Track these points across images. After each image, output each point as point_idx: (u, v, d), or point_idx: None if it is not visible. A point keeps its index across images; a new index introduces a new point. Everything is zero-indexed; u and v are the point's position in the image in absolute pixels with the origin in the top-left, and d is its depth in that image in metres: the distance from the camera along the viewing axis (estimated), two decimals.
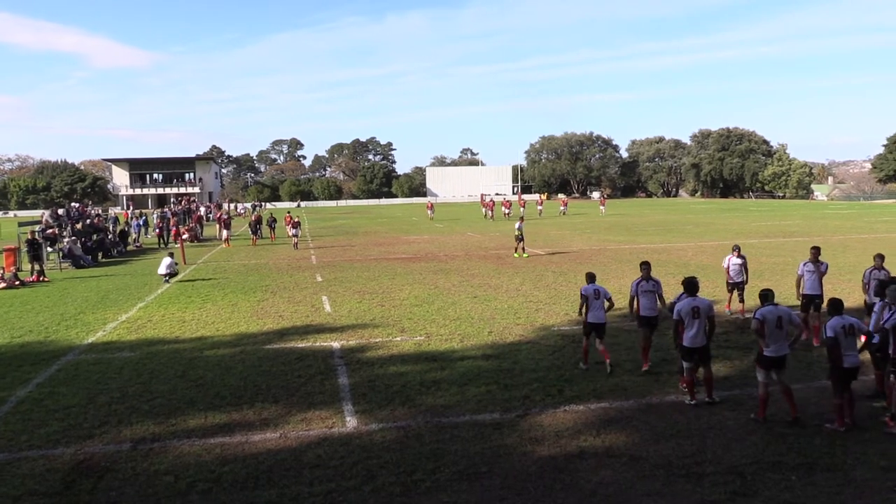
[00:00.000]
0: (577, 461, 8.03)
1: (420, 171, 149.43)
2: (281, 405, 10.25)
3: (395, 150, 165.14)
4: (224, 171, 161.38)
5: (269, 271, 26.09)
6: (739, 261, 15.56)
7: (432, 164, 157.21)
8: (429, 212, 64.01)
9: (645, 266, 12.10)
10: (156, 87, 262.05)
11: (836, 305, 9.12)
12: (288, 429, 9.25)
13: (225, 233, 39.47)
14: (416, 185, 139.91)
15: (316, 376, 11.68)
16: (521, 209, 57.53)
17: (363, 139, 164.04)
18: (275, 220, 42.20)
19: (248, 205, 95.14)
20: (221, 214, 44.07)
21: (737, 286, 15.63)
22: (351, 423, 9.44)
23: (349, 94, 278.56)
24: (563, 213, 65.74)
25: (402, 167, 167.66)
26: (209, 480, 7.70)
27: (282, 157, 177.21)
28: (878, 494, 7.03)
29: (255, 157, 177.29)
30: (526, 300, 18.40)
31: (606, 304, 11.92)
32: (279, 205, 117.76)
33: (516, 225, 30.27)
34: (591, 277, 12.32)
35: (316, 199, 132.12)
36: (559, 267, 25.20)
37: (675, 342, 10.23)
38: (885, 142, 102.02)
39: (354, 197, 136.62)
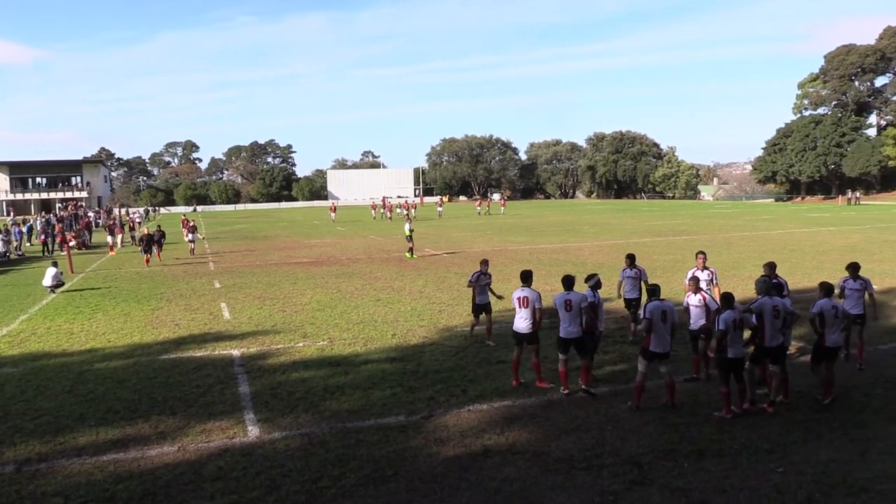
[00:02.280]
0: (482, 459, 8.14)
1: (321, 174, 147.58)
2: (179, 417, 9.89)
3: (294, 152, 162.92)
4: (114, 174, 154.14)
5: (163, 278, 25.13)
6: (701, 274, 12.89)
7: (333, 167, 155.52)
8: (332, 214, 64.81)
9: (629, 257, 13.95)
10: (38, 86, 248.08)
11: (729, 300, 9.62)
12: (186, 441, 8.94)
13: (110, 239, 37.82)
14: (317, 189, 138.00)
15: (215, 386, 11.34)
16: (406, 210, 59.39)
17: (262, 141, 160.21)
18: (163, 235, 33.73)
19: (141, 209, 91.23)
20: (114, 220, 42.22)
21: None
22: (253, 432, 9.22)
23: (246, 95, 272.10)
24: (502, 212, 70.47)
25: (303, 170, 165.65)
26: (102, 500, 7.34)
27: (176, 160, 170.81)
28: (762, 476, 7.46)
29: (147, 160, 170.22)
30: (429, 302, 18.49)
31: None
32: (174, 209, 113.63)
33: (406, 227, 30.87)
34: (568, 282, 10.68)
35: (213, 202, 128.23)
36: (461, 269, 25.45)
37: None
38: (764, 145, 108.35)
39: (253, 200, 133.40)
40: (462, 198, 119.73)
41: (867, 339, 12.10)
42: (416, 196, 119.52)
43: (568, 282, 10.54)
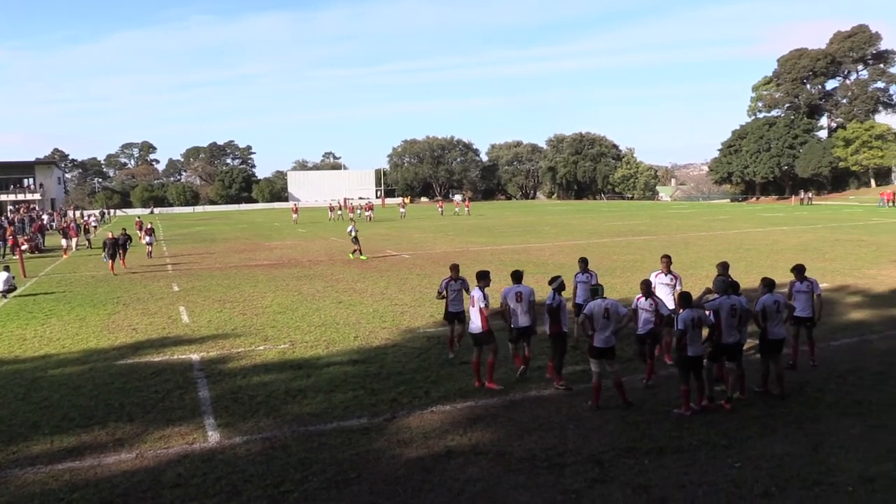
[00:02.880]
0: (445, 461, 8.15)
1: (281, 176, 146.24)
2: (137, 423, 9.72)
3: (254, 153, 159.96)
4: (68, 176, 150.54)
5: (120, 282, 24.65)
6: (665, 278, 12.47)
7: (294, 169, 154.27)
8: (294, 215, 65.09)
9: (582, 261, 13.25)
10: None
11: (687, 299, 9.81)
12: (145, 448, 8.78)
13: (64, 242, 36.99)
14: (277, 190, 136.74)
15: (174, 391, 11.16)
16: (352, 213, 60.34)
17: (221, 142, 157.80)
18: (129, 239, 31.37)
19: (97, 212, 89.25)
20: (69, 223, 41.29)
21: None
22: (213, 437, 9.10)
23: (204, 95, 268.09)
24: (468, 214, 70.80)
25: (263, 171, 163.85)
26: None
27: (133, 162, 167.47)
28: (720, 471, 7.61)
29: (102, 162, 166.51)
30: (391, 303, 18.46)
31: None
32: (130, 211, 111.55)
33: (349, 228, 30.76)
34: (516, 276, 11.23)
35: (171, 204, 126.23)
36: (423, 270, 25.46)
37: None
38: (720, 146, 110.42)
39: (212, 202, 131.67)
40: (423, 199, 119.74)
41: (818, 336, 12.42)
42: (377, 197, 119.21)
43: (517, 275, 11.19)
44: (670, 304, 11.21)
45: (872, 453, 7.98)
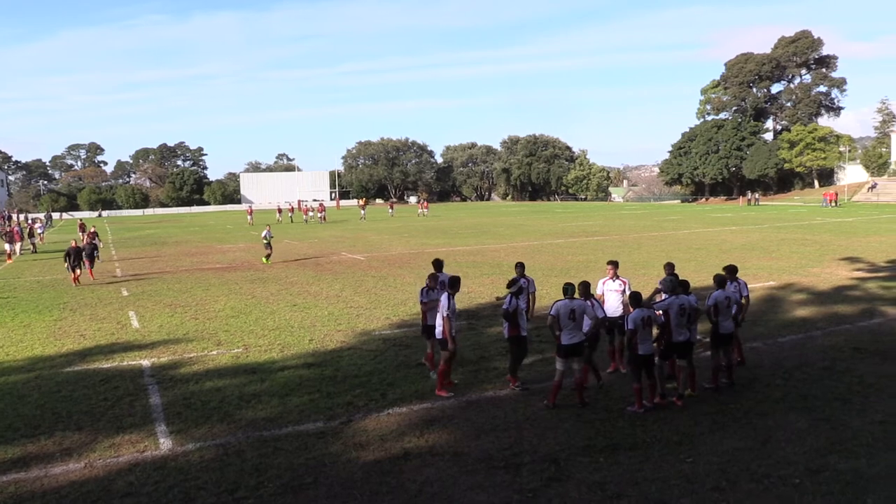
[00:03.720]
0: (402, 463, 8.13)
1: (234, 178, 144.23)
2: (85, 432, 9.47)
3: (206, 155, 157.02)
4: (11, 178, 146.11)
5: (67, 287, 23.98)
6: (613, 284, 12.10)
7: (247, 171, 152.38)
8: (248, 217, 64.80)
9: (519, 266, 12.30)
10: None
11: (637, 298, 9.98)
12: (94, 457, 8.56)
13: (8, 247, 35.90)
14: (229, 192, 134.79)
15: (124, 398, 10.91)
16: (306, 215, 61.02)
17: (171, 144, 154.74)
18: (96, 247, 28.02)
19: (42, 215, 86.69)
20: (13, 227, 40.09)
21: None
22: (165, 444, 8.92)
23: (155, 96, 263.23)
24: (425, 214, 71.44)
25: (215, 173, 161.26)
26: None
27: (80, 163, 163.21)
28: (673, 467, 7.75)
29: (48, 163, 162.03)
30: (347, 306, 18.35)
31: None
32: (77, 214, 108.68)
33: (263, 233, 30.40)
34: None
35: (120, 207, 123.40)
36: (379, 272, 25.38)
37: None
38: (670, 148, 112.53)
39: (163, 205, 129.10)
40: (378, 200, 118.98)
41: (765, 333, 12.72)
42: (332, 199, 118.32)
43: (454, 282, 11.11)
44: (619, 311, 11.30)
45: (818, 446, 8.21)
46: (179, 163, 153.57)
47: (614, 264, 11.97)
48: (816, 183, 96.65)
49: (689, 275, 13.49)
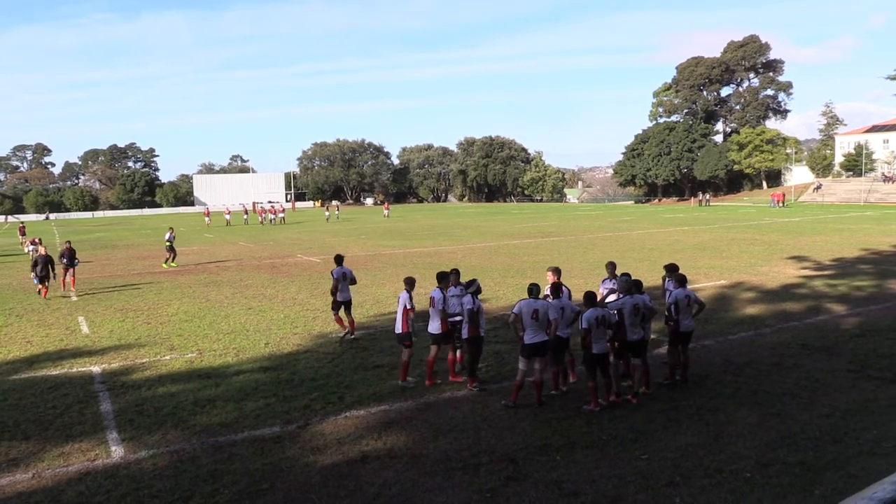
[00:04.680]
0: (361, 466, 8.09)
1: (187, 179, 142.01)
2: (33, 442, 9.19)
3: (158, 156, 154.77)
4: None
5: (12, 292, 23.27)
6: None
7: (200, 172, 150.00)
8: (206, 219, 65.18)
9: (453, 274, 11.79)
10: None
11: (591, 298, 10.10)
12: (42, 467, 8.32)
13: None
14: (182, 194, 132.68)
15: (74, 405, 10.63)
16: (262, 216, 60.79)
17: (122, 145, 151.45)
18: (74, 254, 23.27)
19: None
20: None
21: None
22: (117, 452, 8.72)
23: (104, 96, 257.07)
24: (387, 216, 71.77)
25: (167, 175, 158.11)
26: None
27: (26, 165, 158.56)
28: (628, 464, 7.86)
29: None
30: (303, 309, 18.19)
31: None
32: (24, 217, 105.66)
33: (166, 235, 30.07)
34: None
35: (68, 210, 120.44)
36: None
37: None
38: (624, 150, 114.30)
39: (113, 207, 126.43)
40: (335, 202, 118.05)
41: (717, 331, 13.00)
42: (287, 201, 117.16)
43: (410, 282, 11.83)
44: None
45: (768, 440, 8.42)
46: (130, 164, 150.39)
47: (553, 271, 11.51)
48: (765, 184, 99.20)
49: (642, 274, 13.71)
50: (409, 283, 11.81)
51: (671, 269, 11.71)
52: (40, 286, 21.17)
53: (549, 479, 7.54)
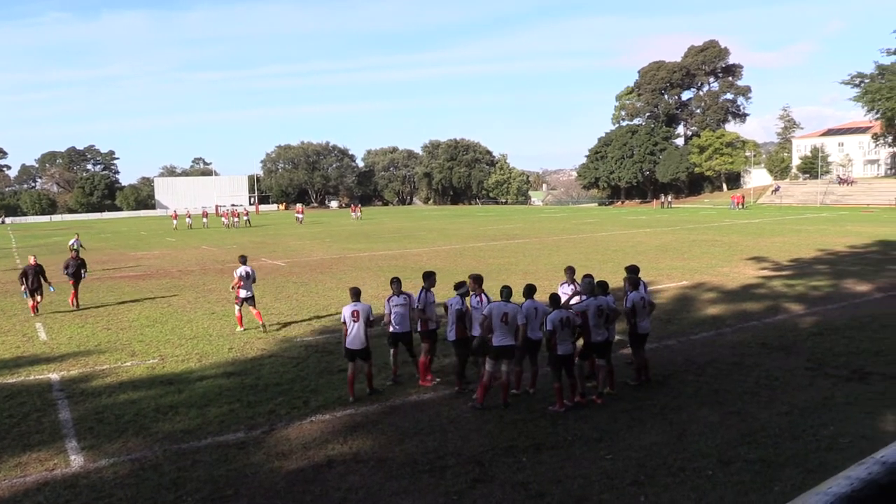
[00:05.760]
0: (326, 470, 8.04)
1: (148, 182, 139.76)
2: None
3: (118, 159, 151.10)
4: None
5: None
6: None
7: (161, 175, 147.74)
8: (174, 221, 65.00)
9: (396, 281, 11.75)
10: None
11: (556, 300, 10.21)
12: None
13: None
14: (143, 197, 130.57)
15: (31, 414, 10.39)
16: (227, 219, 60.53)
17: (80, 147, 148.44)
18: (83, 265, 21.51)
19: None
20: None
21: None
22: (76, 461, 8.54)
23: (62, 97, 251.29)
24: (358, 218, 72.20)
25: (128, 178, 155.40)
26: None
27: None
28: (593, 464, 7.93)
29: None
30: (267, 312, 18.00)
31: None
32: None
33: (70, 241, 29.65)
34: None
35: (25, 213, 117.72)
36: (300, 277, 25.04)
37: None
38: (587, 153, 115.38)
39: (72, 211, 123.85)
40: (298, 205, 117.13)
41: (678, 331, 13.19)
42: (251, 204, 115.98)
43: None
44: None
45: (729, 438, 8.56)
46: (90, 167, 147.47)
47: (476, 278, 11.18)
48: (725, 186, 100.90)
49: (606, 276, 13.86)
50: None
51: (632, 271, 11.87)
52: (30, 300, 19.04)
53: (516, 480, 7.58)
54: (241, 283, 15.64)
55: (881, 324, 14.57)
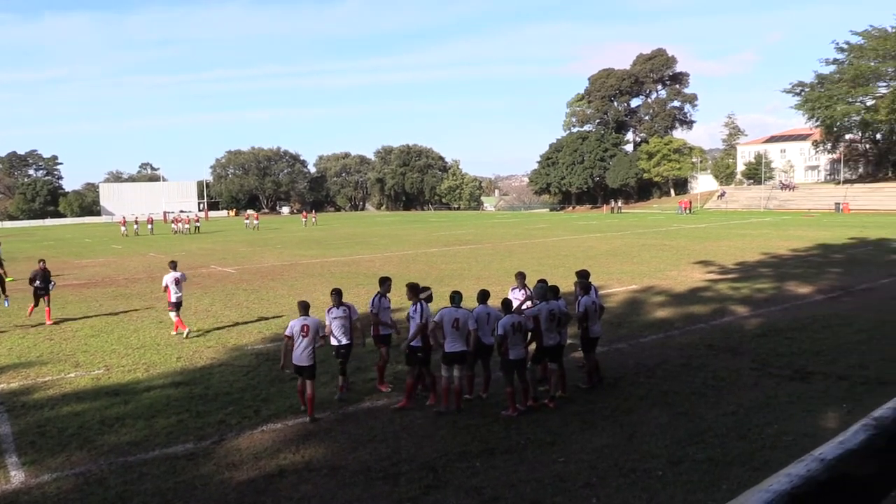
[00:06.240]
0: (278, 480, 7.93)
1: (93, 188, 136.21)
2: None
3: (61, 164, 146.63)
4: None
5: None
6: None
7: (107, 181, 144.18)
8: (122, 228, 63.80)
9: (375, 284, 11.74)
10: None
11: (507, 305, 10.27)
12: None
13: None
14: (88, 204, 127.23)
15: None
16: (176, 226, 57.68)
17: (21, 152, 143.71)
18: (48, 276, 18.77)
19: None
20: None
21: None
22: (17, 477, 8.25)
23: (1, 100, 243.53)
24: (314, 224, 71.91)
25: (71, 184, 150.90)
26: None
27: None
28: (546, 467, 7.99)
29: None
30: (217, 321, 17.73)
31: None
32: None
33: None
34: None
35: None
36: (250, 285, 24.69)
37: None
38: (539, 159, 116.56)
39: (12, 217, 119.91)
40: (250, 211, 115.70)
41: (628, 334, 13.39)
42: (200, 210, 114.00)
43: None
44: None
45: (678, 438, 8.72)
46: (31, 172, 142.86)
47: (412, 287, 11.23)
48: (672, 192, 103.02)
49: (557, 280, 13.98)
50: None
51: (582, 275, 12.01)
52: (33, 306, 18.21)
53: (470, 485, 7.59)
54: (173, 288, 15.97)
55: (822, 325, 15.03)
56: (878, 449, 1.08)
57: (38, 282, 18.27)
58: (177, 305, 16.11)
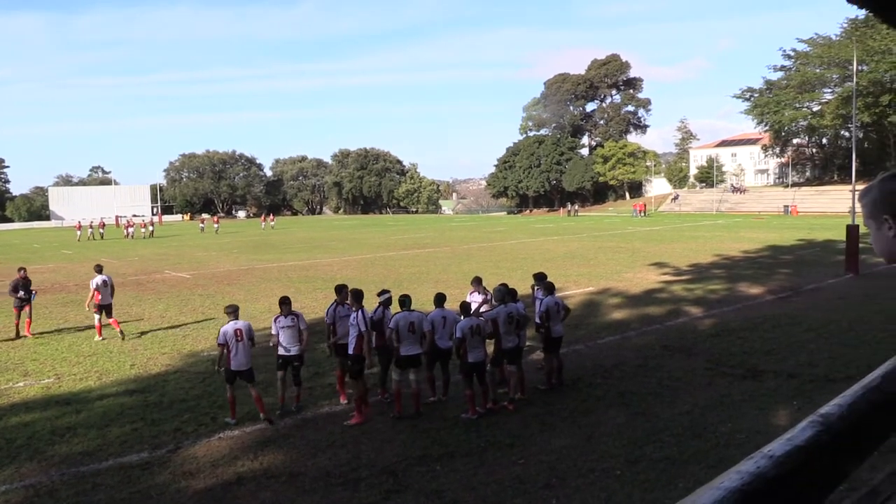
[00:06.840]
0: (236, 488, 7.83)
1: (41, 192, 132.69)
2: None
3: (7, 167, 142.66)
4: None
5: None
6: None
7: (56, 184, 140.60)
8: (78, 232, 62.29)
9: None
10: None
11: (465, 308, 10.32)
12: None
13: None
14: (36, 208, 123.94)
15: None
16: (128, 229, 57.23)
17: None
18: (28, 285, 17.82)
19: None
20: None
21: None
22: None
23: None
24: (271, 227, 71.44)
25: (19, 187, 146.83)
26: None
27: None
28: (506, 469, 8.03)
29: None
30: (171, 327, 17.42)
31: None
32: None
33: None
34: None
35: None
36: (206, 290, 24.32)
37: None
38: (496, 162, 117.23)
39: None
40: (204, 215, 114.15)
41: (586, 336, 13.54)
42: (153, 214, 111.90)
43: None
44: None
45: (635, 438, 8.85)
46: None
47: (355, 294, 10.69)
48: (628, 195, 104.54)
49: (515, 283, 14.09)
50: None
51: (540, 278, 12.12)
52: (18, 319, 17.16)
53: (430, 489, 7.59)
54: (100, 292, 16.17)
55: (772, 324, 15.40)
56: (825, 445, 1.12)
57: (21, 291, 17.20)
58: (104, 309, 16.21)
